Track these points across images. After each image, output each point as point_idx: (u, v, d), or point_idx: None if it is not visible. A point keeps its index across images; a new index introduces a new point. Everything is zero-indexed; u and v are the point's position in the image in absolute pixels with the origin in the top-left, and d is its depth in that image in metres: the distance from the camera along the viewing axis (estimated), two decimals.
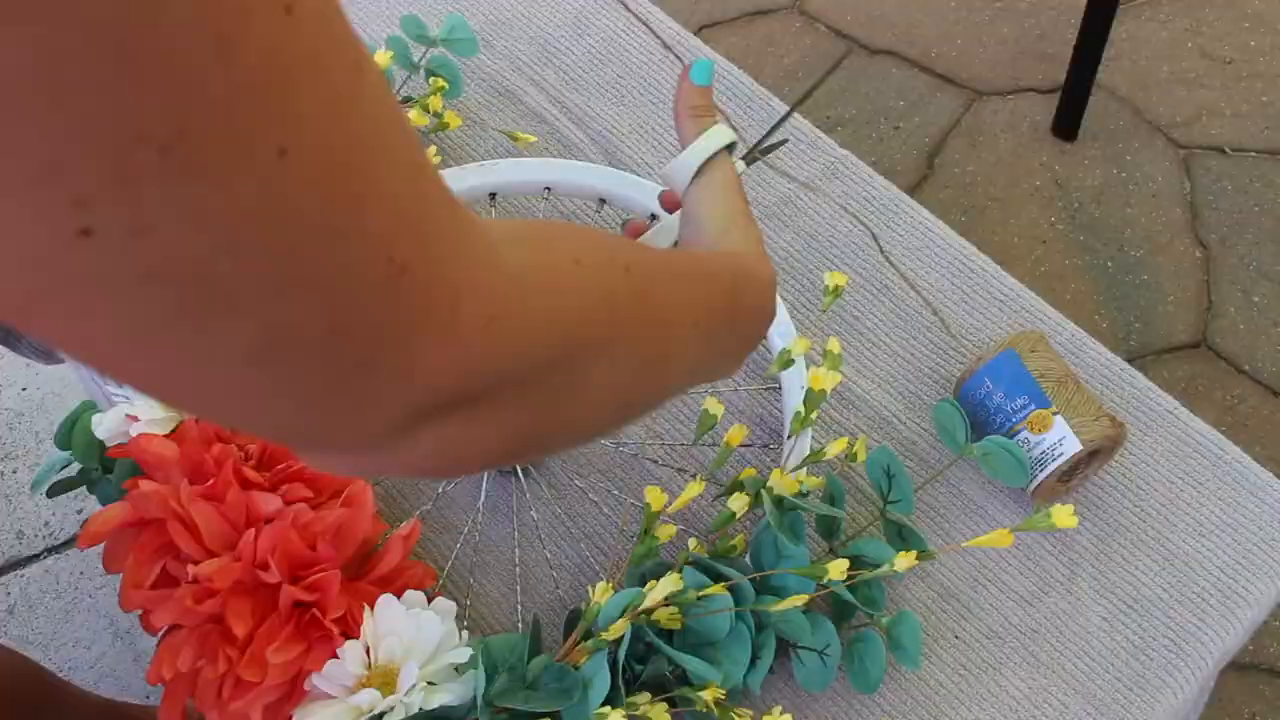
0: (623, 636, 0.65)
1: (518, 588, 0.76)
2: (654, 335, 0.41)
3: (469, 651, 0.64)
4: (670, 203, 0.62)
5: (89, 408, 0.75)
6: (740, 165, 0.60)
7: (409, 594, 0.66)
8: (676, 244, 0.62)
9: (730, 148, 0.58)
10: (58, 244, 0.21)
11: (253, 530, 0.64)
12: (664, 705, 0.65)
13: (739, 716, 0.66)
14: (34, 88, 0.19)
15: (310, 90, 0.24)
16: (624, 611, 0.65)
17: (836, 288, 0.76)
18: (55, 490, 0.76)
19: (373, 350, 0.28)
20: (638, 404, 0.42)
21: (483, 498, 0.78)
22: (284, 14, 0.22)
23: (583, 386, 0.36)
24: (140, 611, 0.67)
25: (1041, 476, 0.73)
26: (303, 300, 0.25)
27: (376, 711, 0.61)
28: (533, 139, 0.91)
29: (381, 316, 0.27)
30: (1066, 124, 1.73)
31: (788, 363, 0.76)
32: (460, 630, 0.66)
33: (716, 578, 0.67)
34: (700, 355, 0.46)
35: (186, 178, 0.22)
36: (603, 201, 0.85)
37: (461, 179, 0.85)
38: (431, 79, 0.91)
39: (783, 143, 0.71)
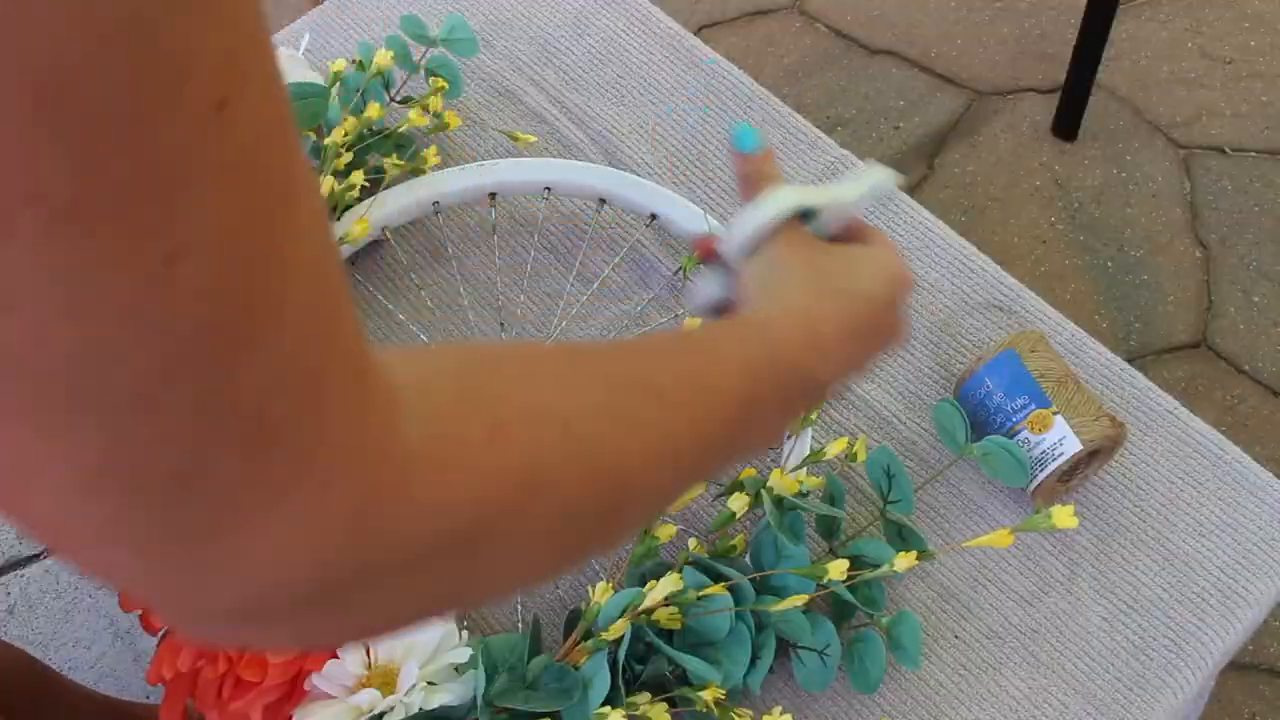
0: (623, 636, 0.65)
1: None
2: (598, 491, 0.35)
3: (469, 651, 0.64)
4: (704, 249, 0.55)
5: None
6: (893, 173, 0.53)
7: None
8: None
9: (806, 214, 0.51)
10: None
11: None
12: (664, 705, 0.65)
13: (739, 716, 0.66)
14: None
15: (220, 201, 0.21)
16: (624, 611, 0.65)
17: None
18: None
19: (224, 513, 0.24)
20: (586, 550, 0.38)
21: None
22: (214, 111, 0.21)
23: (490, 561, 0.32)
24: (140, 611, 0.67)
25: (1041, 476, 0.73)
26: (157, 428, 0.22)
27: (376, 711, 0.61)
28: (533, 139, 0.91)
29: (241, 474, 0.24)
30: (1066, 124, 1.73)
31: None
32: (460, 630, 0.66)
33: (716, 578, 0.67)
34: (689, 474, 0.42)
35: (68, 253, 0.20)
36: (603, 201, 0.85)
37: (461, 179, 0.85)
38: (431, 79, 0.91)
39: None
